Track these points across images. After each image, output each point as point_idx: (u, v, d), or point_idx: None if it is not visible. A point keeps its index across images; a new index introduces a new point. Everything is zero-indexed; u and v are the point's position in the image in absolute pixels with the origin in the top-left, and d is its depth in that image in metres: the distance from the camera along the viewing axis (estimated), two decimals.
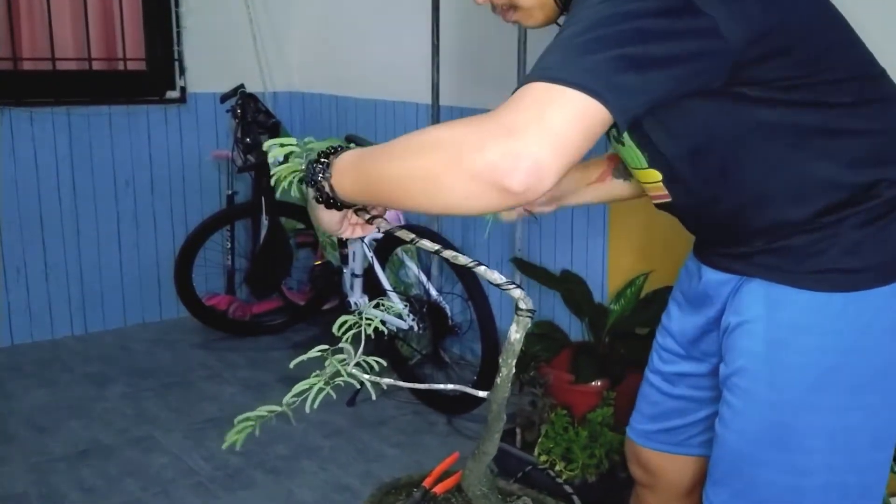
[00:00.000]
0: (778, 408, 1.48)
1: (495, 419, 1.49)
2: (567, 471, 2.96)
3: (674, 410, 1.83)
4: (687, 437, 1.84)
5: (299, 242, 4.89)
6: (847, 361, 1.44)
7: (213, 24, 4.96)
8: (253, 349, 4.64)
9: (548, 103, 1.14)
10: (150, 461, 3.40)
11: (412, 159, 1.22)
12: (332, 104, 5.13)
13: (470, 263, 1.36)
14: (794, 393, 1.47)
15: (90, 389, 4.10)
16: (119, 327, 4.93)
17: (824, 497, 1.49)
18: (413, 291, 4.03)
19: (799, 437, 1.48)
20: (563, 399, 3.15)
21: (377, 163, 1.30)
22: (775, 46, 1.32)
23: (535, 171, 1.12)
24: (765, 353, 1.49)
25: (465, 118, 1.19)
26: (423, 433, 3.66)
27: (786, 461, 1.49)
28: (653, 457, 1.91)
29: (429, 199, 1.21)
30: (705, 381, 1.75)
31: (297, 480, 3.26)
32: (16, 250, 4.57)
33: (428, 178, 1.19)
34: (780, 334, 1.47)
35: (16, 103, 4.44)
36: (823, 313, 1.43)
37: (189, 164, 5.00)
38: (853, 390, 1.45)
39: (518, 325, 1.35)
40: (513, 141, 1.11)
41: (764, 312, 1.49)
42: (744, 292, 1.52)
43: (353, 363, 1.39)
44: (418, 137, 1.23)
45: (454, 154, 1.15)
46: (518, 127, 1.12)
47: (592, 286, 3.42)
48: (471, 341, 4.06)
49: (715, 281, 1.61)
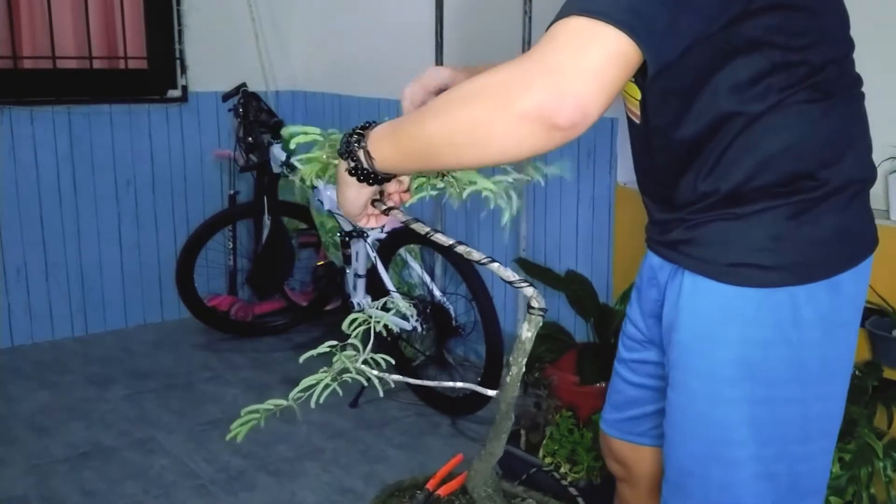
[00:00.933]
0: (705, 400, 1.50)
1: (503, 418, 1.49)
2: (572, 473, 2.96)
3: (635, 399, 1.85)
4: (647, 428, 1.86)
5: (302, 242, 4.89)
6: (768, 354, 1.45)
7: (214, 22, 4.96)
8: (255, 350, 4.64)
9: (588, 40, 1.15)
10: (151, 463, 3.40)
11: (456, 112, 1.22)
12: (334, 103, 5.13)
13: (484, 259, 1.37)
14: (719, 385, 1.48)
15: (91, 391, 4.10)
16: (120, 328, 4.93)
17: (755, 489, 1.51)
18: (416, 292, 4.03)
19: (726, 429, 1.49)
20: (569, 400, 3.15)
21: (418, 123, 1.29)
22: (781, 2, 1.31)
23: (581, 108, 1.14)
24: (691, 344, 1.51)
25: (503, 63, 1.19)
26: (426, 435, 3.66)
27: (716, 454, 1.51)
28: (623, 448, 1.92)
29: (478, 149, 1.21)
30: (661, 369, 1.75)
31: (299, 483, 3.26)
32: (16, 250, 4.57)
33: (476, 127, 1.19)
34: (704, 326, 1.48)
35: (16, 102, 4.45)
36: (742, 305, 1.43)
37: (191, 164, 5.00)
38: (776, 382, 1.46)
39: (530, 324, 1.35)
40: (557, 79, 1.13)
41: (688, 304, 1.50)
42: (675, 283, 1.55)
43: (361, 360, 1.39)
44: (458, 91, 1.23)
45: (501, 98, 1.16)
46: (561, 66, 1.14)
47: (598, 286, 3.42)
48: (475, 342, 4.06)
49: (655, 265, 1.64)
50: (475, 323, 3.74)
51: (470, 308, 3.82)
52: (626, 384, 1.85)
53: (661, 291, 1.63)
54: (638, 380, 1.83)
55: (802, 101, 1.39)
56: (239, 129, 4.51)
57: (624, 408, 1.88)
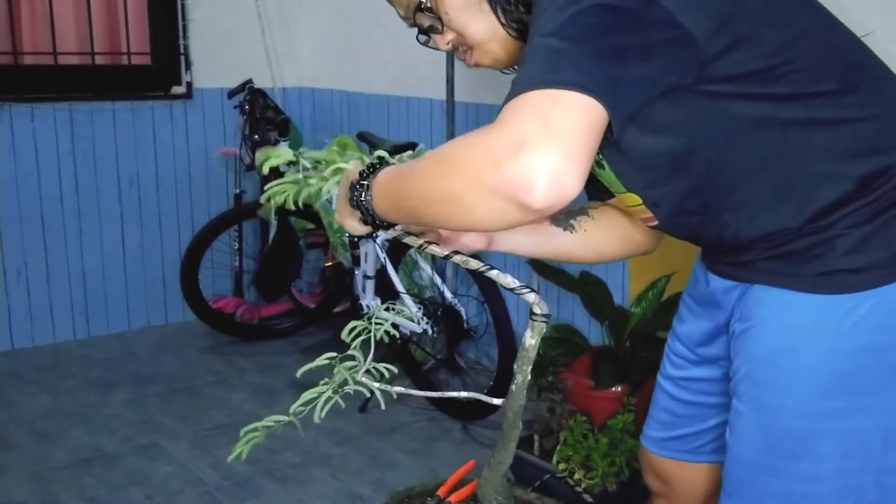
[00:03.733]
0: (786, 414, 1.49)
1: (510, 427, 1.50)
2: (586, 479, 2.97)
3: (686, 417, 1.85)
4: (700, 445, 1.85)
5: (309, 243, 4.91)
6: (858, 364, 1.44)
7: (220, 17, 4.98)
8: (262, 353, 4.66)
9: (549, 108, 1.14)
10: (155, 470, 3.42)
11: (433, 179, 1.24)
12: (343, 100, 5.15)
13: (482, 268, 1.38)
14: (802, 398, 1.47)
15: (93, 395, 4.12)
16: (123, 331, 4.95)
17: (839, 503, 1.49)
18: (427, 294, 4.04)
19: (808, 443, 1.48)
20: (583, 405, 3.16)
21: (403, 183, 1.32)
22: (740, 34, 1.32)
23: (555, 182, 1.11)
24: (771, 357, 1.50)
25: (472, 132, 1.19)
26: (437, 440, 3.68)
27: (796, 469, 1.49)
28: (667, 465, 1.92)
29: (455, 218, 1.23)
30: (717, 386, 1.76)
31: (307, 489, 3.28)
32: (16, 251, 4.59)
33: (450, 198, 1.20)
34: (788, 339, 1.47)
35: (16, 99, 4.47)
36: (832, 316, 1.43)
37: (195, 163, 5.02)
38: (864, 391, 1.45)
39: (533, 331, 1.36)
40: (526, 154, 1.11)
41: (770, 316, 1.49)
42: (749, 298, 1.53)
43: (362, 370, 1.40)
44: (435, 156, 1.25)
45: (471, 173, 1.16)
46: (527, 138, 1.11)
47: (613, 288, 3.42)
48: (487, 345, 4.07)
49: (721, 288, 1.63)
50: (487, 325, 3.75)
51: (482, 310, 3.83)
52: (675, 402, 1.85)
53: (724, 311, 1.63)
54: (689, 397, 1.82)
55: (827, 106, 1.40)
56: (245, 127, 4.52)
57: (672, 426, 1.88)
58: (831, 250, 1.42)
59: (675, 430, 1.87)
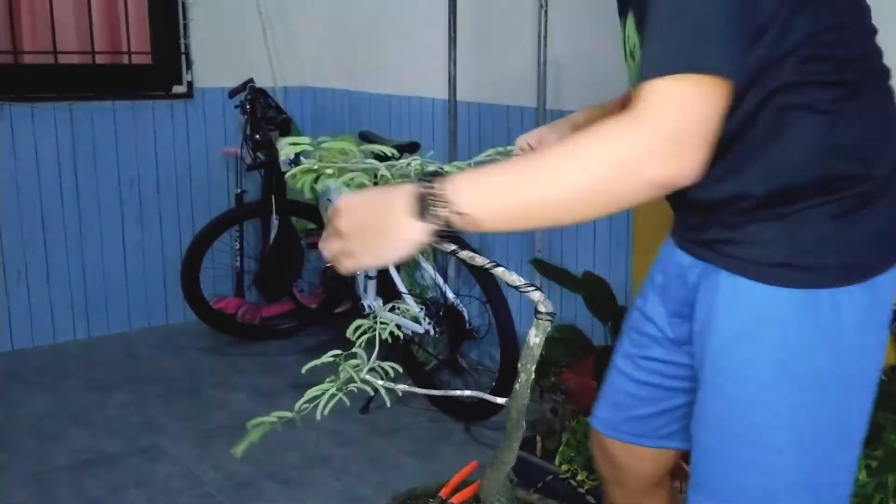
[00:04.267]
0: (743, 403, 1.52)
1: (514, 427, 1.50)
2: (589, 481, 2.96)
3: (640, 398, 1.85)
4: (653, 428, 1.86)
5: (310, 243, 4.90)
6: (809, 358, 1.47)
7: (221, 16, 4.98)
8: (263, 354, 4.66)
9: (697, 100, 1.23)
10: (156, 471, 3.42)
11: (578, 179, 1.27)
12: (344, 99, 5.15)
13: (487, 265, 1.38)
14: (757, 388, 1.50)
15: (94, 396, 4.12)
16: (123, 332, 4.95)
17: (794, 497, 1.52)
18: (429, 294, 4.03)
19: (765, 434, 1.51)
20: (586, 406, 3.14)
21: (528, 186, 1.30)
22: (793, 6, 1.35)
23: (698, 169, 1.24)
24: (728, 346, 1.52)
25: (615, 127, 1.25)
26: (439, 441, 3.67)
27: (753, 460, 1.52)
28: (618, 448, 1.92)
29: (595, 208, 1.29)
30: (673, 368, 1.77)
31: (309, 491, 3.28)
32: (16, 251, 4.59)
33: (600, 192, 1.27)
34: (742, 327, 1.50)
35: (16, 98, 4.47)
36: (784, 307, 1.46)
37: (196, 162, 5.02)
38: (817, 387, 1.48)
39: (537, 329, 1.36)
40: (682, 150, 1.22)
41: (725, 305, 1.52)
42: (709, 283, 1.56)
43: (366, 368, 1.40)
44: (576, 158, 1.28)
45: (632, 171, 1.24)
46: (683, 136, 1.22)
47: (616, 288, 3.42)
48: (489, 346, 4.07)
49: (685, 263, 1.65)
50: (489, 326, 3.74)
51: (484, 311, 3.83)
52: (630, 381, 1.85)
53: (689, 291, 1.64)
54: (644, 377, 1.82)
55: (834, 100, 1.41)
56: (246, 127, 4.52)
57: (625, 407, 1.87)
58: (788, 242, 1.45)
59: (628, 411, 1.87)
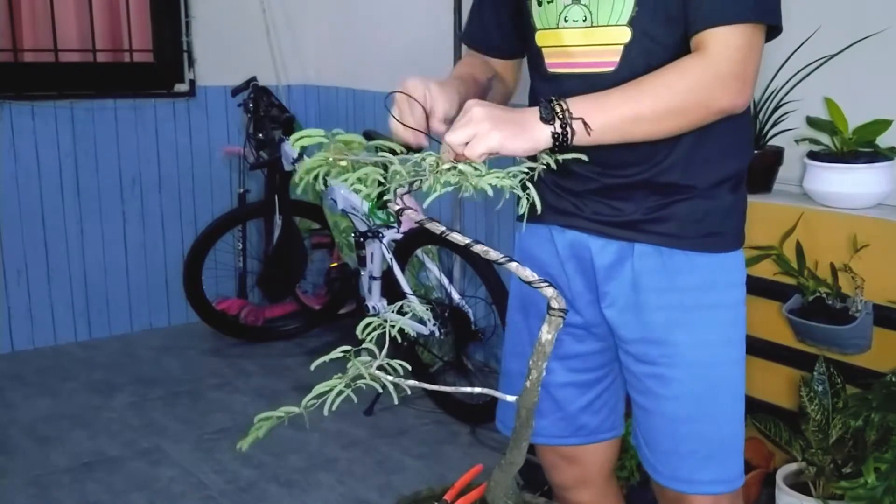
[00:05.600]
0: (703, 366, 1.71)
1: (523, 426, 1.48)
2: None
3: (563, 399, 1.90)
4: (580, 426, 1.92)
5: (314, 243, 4.90)
6: (739, 315, 1.75)
7: (224, 14, 4.98)
8: (266, 356, 4.65)
9: (757, 48, 1.55)
10: (157, 474, 3.41)
11: (670, 100, 1.52)
12: (348, 98, 5.14)
13: (501, 259, 1.37)
14: (714, 349, 1.72)
15: (95, 398, 4.11)
16: (125, 333, 4.95)
17: (733, 445, 1.77)
18: (434, 295, 4.03)
19: (740, 386, 1.76)
20: None
21: (633, 102, 1.52)
22: None
23: (749, 102, 1.59)
24: (681, 318, 1.70)
25: (696, 65, 1.53)
26: (444, 444, 3.66)
27: (737, 411, 1.76)
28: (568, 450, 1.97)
29: (673, 123, 1.55)
30: (591, 360, 1.86)
31: (312, 494, 3.27)
32: (16, 252, 4.59)
33: (680, 113, 1.53)
34: (686, 297, 1.69)
35: (17, 96, 4.47)
36: (717, 271, 1.71)
37: (199, 161, 5.02)
38: (742, 342, 1.76)
39: (549, 326, 1.35)
40: (744, 86, 1.55)
41: (665, 281, 1.70)
42: (627, 265, 1.71)
43: (375, 365, 1.39)
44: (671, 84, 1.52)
45: (705, 100, 1.53)
46: (746, 77, 1.55)
47: None
48: (495, 347, 4.05)
49: (594, 248, 1.74)
50: (495, 327, 3.74)
51: (490, 311, 3.82)
52: (553, 386, 1.88)
53: (591, 277, 1.75)
54: (566, 378, 1.88)
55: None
56: (249, 125, 4.52)
57: (551, 412, 1.90)
58: (711, 213, 1.68)
59: (557, 413, 1.91)
